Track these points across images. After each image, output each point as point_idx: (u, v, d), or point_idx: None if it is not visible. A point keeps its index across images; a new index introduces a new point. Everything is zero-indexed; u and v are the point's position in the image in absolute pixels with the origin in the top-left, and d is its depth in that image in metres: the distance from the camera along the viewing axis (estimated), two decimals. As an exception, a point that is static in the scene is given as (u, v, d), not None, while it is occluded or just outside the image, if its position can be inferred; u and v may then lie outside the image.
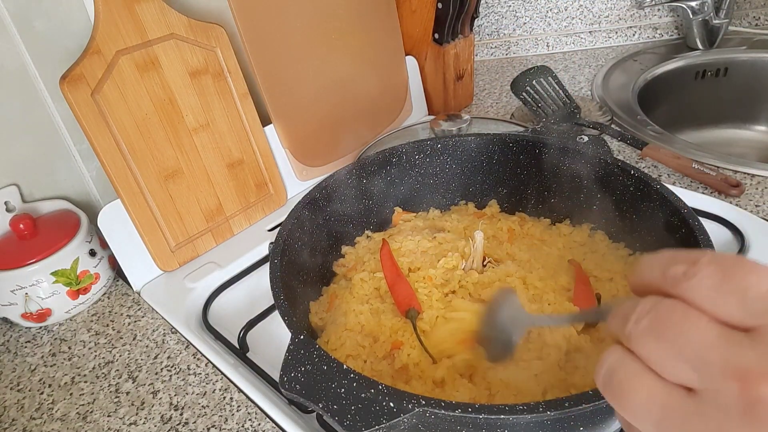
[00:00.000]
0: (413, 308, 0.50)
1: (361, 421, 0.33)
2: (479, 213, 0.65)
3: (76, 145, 0.68)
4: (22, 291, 0.59)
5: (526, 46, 1.22)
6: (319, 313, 0.54)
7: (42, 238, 0.61)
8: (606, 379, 0.22)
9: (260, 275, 0.67)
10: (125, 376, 0.55)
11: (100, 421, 0.51)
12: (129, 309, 0.64)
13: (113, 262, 0.67)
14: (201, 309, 0.62)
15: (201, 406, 0.51)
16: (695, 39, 1.09)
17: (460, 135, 0.70)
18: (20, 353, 0.60)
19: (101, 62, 0.58)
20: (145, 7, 0.61)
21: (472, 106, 1.04)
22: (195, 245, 0.69)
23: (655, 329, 0.21)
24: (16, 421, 0.52)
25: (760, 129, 1.09)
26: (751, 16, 1.15)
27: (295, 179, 0.79)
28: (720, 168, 0.74)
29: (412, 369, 0.45)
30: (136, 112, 0.61)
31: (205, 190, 0.69)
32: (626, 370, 0.21)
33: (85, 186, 0.71)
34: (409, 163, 0.65)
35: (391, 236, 0.61)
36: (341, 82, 0.82)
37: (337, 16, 0.79)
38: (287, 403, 0.50)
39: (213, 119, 0.69)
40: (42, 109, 0.64)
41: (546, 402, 0.32)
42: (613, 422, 0.38)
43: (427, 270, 0.53)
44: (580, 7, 1.18)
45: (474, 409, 0.33)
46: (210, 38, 0.67)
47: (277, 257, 0.48)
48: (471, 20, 0.96)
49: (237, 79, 0.70)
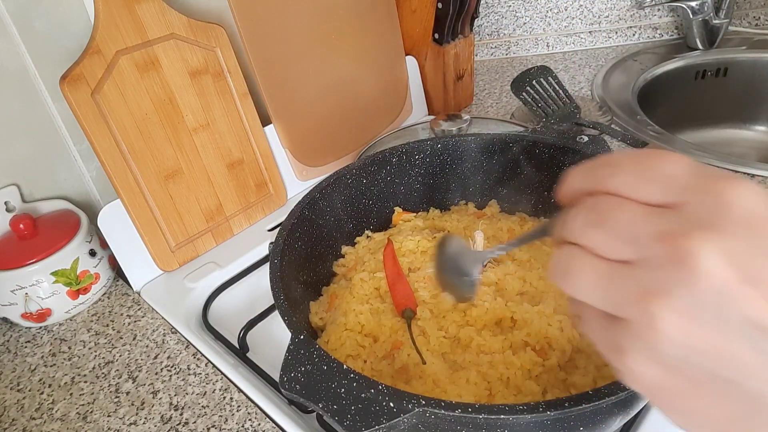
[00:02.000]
0: (409, 308, 0.50)
1: (361, 421, 0.33)
2: (479, 213, 0.65)
3: (76, 145, 0.68)
4: (22, 291, 0.59)
5: (526, 46, 1.22)
6: (319, 313, 0.54)
7: (42, 238, 0.61)
8: (557, 270, 0.25)
9: (260, 275, 0.67)
10: (125, 376, 0.55)
11: (100, 421, 0.51)
12: (129, 309, 0.64)
13: (113, 262, 0.67)
14: (201, 309, 0.62)
15: (201, 406, 0.51)
16: (695, 39, 1.09)
17: (460, 135, 0.70)
18: (20, 353, 0.60)
19: (101, 62, 0.58)
20: (145, 7, 0.61)
21: (472, 106, 1.04)
22: (195, 245, 0.69)
23: (591, 220, 0.24)
24: (16, 421, 0.52)
25: (760, 129, 1.09)
26: (751, 16, 1.15)
27: (295, 179, 0.79)
28: (720, 168, 0.74)
29: (412, 369, 0.45)
30: (136, 112, 0.61)
31: (205, 190, 0.69)
32: (573, 257, 0.24)
33: (85, 186, 0.71)
34: (409, 163, 0.65)
35: (391, 236, 0.61)
36: (341, 82, 0.82)
37: (337, 16, 0.79)
38: (287, 403, 0.50)
39: (213, 119, 0.69)
40: (42, 109, 0.64)
41: (546, 402, 0.32)
42: (613, 422, 0.38)
43: (427, 270, 0.53)
44: (580, 7, 1.18)
45: (474, 409, 0.33)
46: (210, 38, 0.67)
47: (277, 257, 0.48)
48: (471, 20, 0.96)
49: (237, 79, 0.70)
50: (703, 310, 0.20)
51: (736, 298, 0.20)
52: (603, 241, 0.23)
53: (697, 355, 0.21)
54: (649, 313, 0.21)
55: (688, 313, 0.20)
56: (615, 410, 0.37)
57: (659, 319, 0.21)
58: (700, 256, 0.20)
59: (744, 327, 0.20)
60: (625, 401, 0.36)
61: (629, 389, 0.33)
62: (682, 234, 0.21)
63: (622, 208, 0.23)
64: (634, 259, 0.22)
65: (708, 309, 0.20)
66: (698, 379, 0.21)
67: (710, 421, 0.22)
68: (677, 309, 0.20)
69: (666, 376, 0.22)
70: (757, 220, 0.20)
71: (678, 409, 0.23)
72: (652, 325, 0.21)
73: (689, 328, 0.20)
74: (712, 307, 0.20)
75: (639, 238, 0.22)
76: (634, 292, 0.21)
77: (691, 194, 0.22)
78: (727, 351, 0.20)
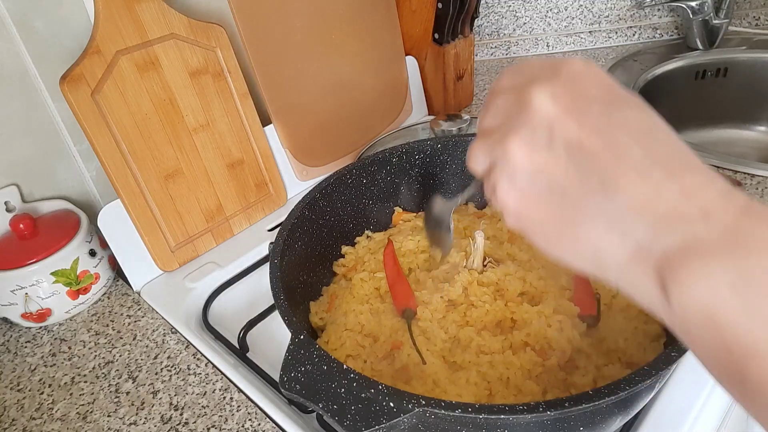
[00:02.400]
0: (409, 308, 0.50)
1: (361, 421, 0.33)
2: (479, 213, 0.65)
3: (76, 145, 0.68)
4: (22, 291, 0.59)
5: (526, 46, 1.22)
6: (319, 313, 0.54)
7: (42, 238, 0.61)
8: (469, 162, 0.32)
9: (260, 275, 0.67)
10: (125, 376, 0.55)
11: (100, 421, 0.51)
12: (129, 309, 0.64)
13: (113, 262, 0.67)
14: (201, 309, 0.62)
15: (201, 406, 0.51)
16: (695, 39, 1.09)
17: (460, 135, 0.70)
18: (20, 353, 0.60)
19: (101, 62, 0.58)
20: (145, 7, 0.61)
21: (472, 106, 1.04)
22: (195, 245, 0.69)
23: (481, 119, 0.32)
24: (16, 421, 0.52)
25: (760, 129, 1.09)
26: (751, 16, 1.15)
27: (295, 179, 0.79)
28: (720, 168, 0.74)
29: (412, 369, 0.45)
30: (136, 112, 0.61)
31: (205, 190, 0.69)
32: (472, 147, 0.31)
33: (85, 186, 0.71)
34: (409, 163, 0.65)
35: (391, 236, 0.61)
36: (341, 82, 0.82)
37: (337, 16, 0.79)
38: (287, 403, 0.50)
39: (213, 119, 0.69)
40: (42, 109, 0.64)
41: (546, 402, 0.32)
42: (613, 422, 0.38)
43: (428, 270, 0.53)
44: (580, 7, 1.18)
45: (474, 409, 0.33)
46: (210, 38, 0.67)
47: (277, 257, 0.48)
48: (471, 20, 0.96)
49: (237, 79, 0.70)
50: (539, 138, 0.26)
51: (558, 126, 0.26)
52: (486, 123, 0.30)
53: (537, 175, 0.27)
54: (505, 149, 0.27)
55: (529, 143, 0.27)
56: (615, 410, 0.37)
57: (510, 151, 0.27)
58: (534, 99, 0.26)
59: (566, 147, 0.26)
60: (625, 401, 0.36)
61: (629, 389, 0.33)
62: (524, 87, 0.27)
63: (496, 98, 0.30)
64: (500, 123, 0.29)
65: (541, 137, 0.26)
66: (539, 195, 0.27)
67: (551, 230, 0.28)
68: (522, 140, 0.27)
69: (521, 200, 0.28)
70: (580, 75, 0.27)
71: (533, 228, 0.29)
72: (507, 156, 0.27)
73: (530, 154, 0.27)
74: (544, 134, 0.26)
75: (500, 105, 0.29)
76: (497, 140, 0.28)
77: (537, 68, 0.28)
78: (554, 166, 0.26)
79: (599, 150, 0.25)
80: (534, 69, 0.29)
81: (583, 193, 0.26)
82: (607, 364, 0.44)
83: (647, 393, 0.39)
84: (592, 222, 0.26)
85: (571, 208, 0.27)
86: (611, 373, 0.43)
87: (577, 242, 0.27)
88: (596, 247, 0.26)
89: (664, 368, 0.34)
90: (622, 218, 0.25)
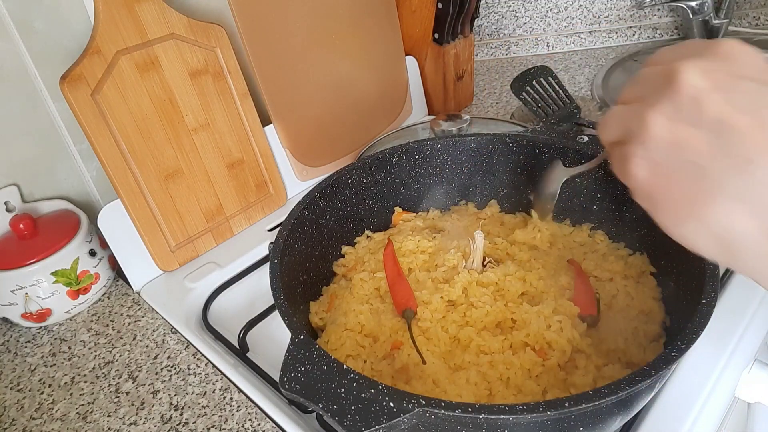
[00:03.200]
0: (409, 308, 0.50)
1: (361, 421, 0.33)
2: (479, 213, 0.65)
3: (76, 145, 0.68)
4: (22, 291, 0.59)
5: (526, 46, 1.22)
6: (319, 313, 0.54)
7: (42, 238, 0.61)
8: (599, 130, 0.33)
9: (260, 275, 0.67)
10: (125, 376, 0.55)
11: (100, 421, 0.51)
12: (129, 309, 0.64)
13: (113, 262, 0.67)
14: (201, 309, 0.62)
15: (201, 406, 0.51)
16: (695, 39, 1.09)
17: (460, 135, 0.70)
18: (20, 353, 0.60)
19: (101, 62, 0.58)
20: (145, 7, 0.61)
21: (472, 106, 1.04)
22: (195, 245, 0.69)
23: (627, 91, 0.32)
24: (16, 421, 0.52)
25: (760, 129, 1.09)
26: (751, 16, 1.15)
27: (295, 179, 0.79)
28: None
29: (412, 369, 0.45)
30: (136, 112, 0.61)
31: (205, 190, 0.69)
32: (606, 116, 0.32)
33: (85, 186, 0.71)
34: (409, 163, 0.65)
35: (391, 236, 0.61)
36: (341, 82, 0.82)
37: (337, 16, 0.79)
38: (287, 403, 0.50)
39: (213, 119, 0.69)
40: (42, 109, 0.64)
41: (546, 402, 0.32)
42: (613, 422, 0.38)
43: (428, 270, 0.53)
44: (580, 7, 1.18)
45: (474, 409, 0.33)
46: (210, 38, 0.67)
47: (277, 257, 0.48)
48: (471, 20, 0.96)
49: (237, 79, 0.70)
50: (683, 111, 0.26)
51: (706, 101, 0.26)
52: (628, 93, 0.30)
53: (674, 148, 0.27)
54: (644, 119, 0.27)
55: (672, 116, 0.27)
56: (615, 410, 0.37)
57: (650, 121, 0.27)
58: (683, 73, 0.27)
59: (710, 122, 0.26)
60: (625, 401, 0.36)
61: (629, 389, 0.33)
62: (674, 61, 0.27)
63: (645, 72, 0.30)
64: (642, 93, 0.29)
65: (686, 111, 0.26)
66: (674, 169, 0.27)
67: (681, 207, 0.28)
68: (664, 112, 0.27)
69: (653, 173, 0.28)
70: (734, 54, 0.27)
71: (661, 203, 0.29)
72: (646, 126, 0.27)
73: (671, 126, 0.27)
74: (689, 108, 0.26)
75: (648, 76, 0.29)
76: (637, 110, 0.28)
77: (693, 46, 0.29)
78: (695, 140, 0.26)
79: (745, 128, 0.25)
80: (689, 46, 0.28)
81: (722, 170, 0.25)
82: (607, 364, 0.44)
83: (647, 393, 0.39)
84: (730, 200, 0.25)
85: (708, 185, 0.26)
86: (611, 374, 0.43)
87: (708, 221, 0.26)
88: (729, 228, 0.26)
89: (664, 368, 0.34)
90: (763, 198, 0.24)
